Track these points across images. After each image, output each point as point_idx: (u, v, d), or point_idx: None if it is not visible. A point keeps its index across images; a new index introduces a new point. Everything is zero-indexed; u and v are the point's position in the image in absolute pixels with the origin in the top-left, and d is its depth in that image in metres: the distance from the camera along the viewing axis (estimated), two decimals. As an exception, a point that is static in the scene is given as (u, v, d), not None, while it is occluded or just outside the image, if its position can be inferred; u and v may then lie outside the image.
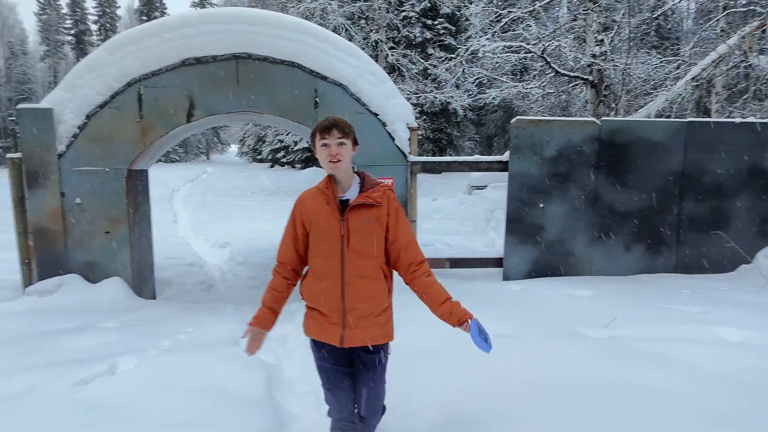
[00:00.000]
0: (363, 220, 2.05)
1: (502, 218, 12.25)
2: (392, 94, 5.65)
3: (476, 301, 4.82)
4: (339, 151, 2.02)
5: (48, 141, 4.74)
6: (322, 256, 2.07)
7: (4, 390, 2.88)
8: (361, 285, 2.05)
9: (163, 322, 4.23)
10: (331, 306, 2.05)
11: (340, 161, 2.02)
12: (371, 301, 2.09)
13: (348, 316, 2.04)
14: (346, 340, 2.06)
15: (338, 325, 2.06)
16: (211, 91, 5.11)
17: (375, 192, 2.10)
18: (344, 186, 2.09)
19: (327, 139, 2.03)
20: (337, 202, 2.06)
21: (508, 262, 5.93)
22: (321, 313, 2.08)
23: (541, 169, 5.78)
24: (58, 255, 4.86)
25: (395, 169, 5.69)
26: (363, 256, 2.05)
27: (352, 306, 2.05)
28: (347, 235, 2.03)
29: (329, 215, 2.05)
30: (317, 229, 2.08)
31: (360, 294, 2.05)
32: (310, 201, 2.12)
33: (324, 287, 2.06)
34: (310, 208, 2.11)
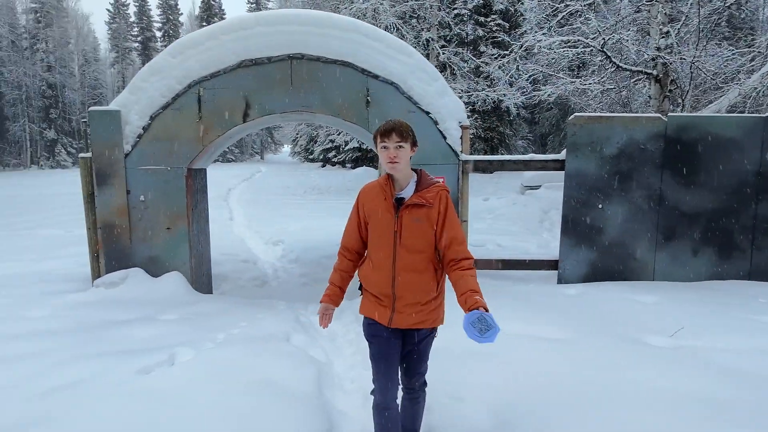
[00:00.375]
0: (414, 218, 2.20)
1: (556, 219, 11.86)
2: (444, 92, 5.57)
3: (530, 304, 4.69)
4: (397, 154, 2.16)
5: (115, 141, 5.01)
6: (377, 247, 2.28)
7: (72, 376, 3.05)
8: (409, 277, 2.22)
9: (219, 316, 4.36)
10: (383, 292, 2.26)
11: (398, 163, 2.17)
12: (418, 292, 2.24)
13: (397, 302, 2.23)
14: (393, 321, 2.26)
15: (388, 308, 2.26)
16: (266, 91, 5.23)
17: (429, 192, 2.25)
18: (402, 184, 2.25)
19: (386, 142, 2.17)
20: (393, 199, 2.22)
21: (563, 264, 5.72)
22: (374, 296, 2.30)
23: (600, 168, 5.52)
24: (124, 249, 5.13)
25: (446, 167, 5.61)
26: (413, 251, 2.21)
27: (400, 294, 2.23)
28: (400, 231, 2.20)
29: (386, 211, 2.23)
30: (374, 222, 2.28)
31: (408, 285, 2.22)
32: (370, 194, 2.32)
33: (377, 276, 2.26)
34: (370, 201, 2.30)
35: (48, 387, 2.89)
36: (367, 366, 3.42)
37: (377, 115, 5.44)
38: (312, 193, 20.67)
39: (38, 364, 3.26)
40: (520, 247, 8.60)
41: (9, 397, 2.79)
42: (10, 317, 4.37)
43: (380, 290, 2.26)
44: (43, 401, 2.74)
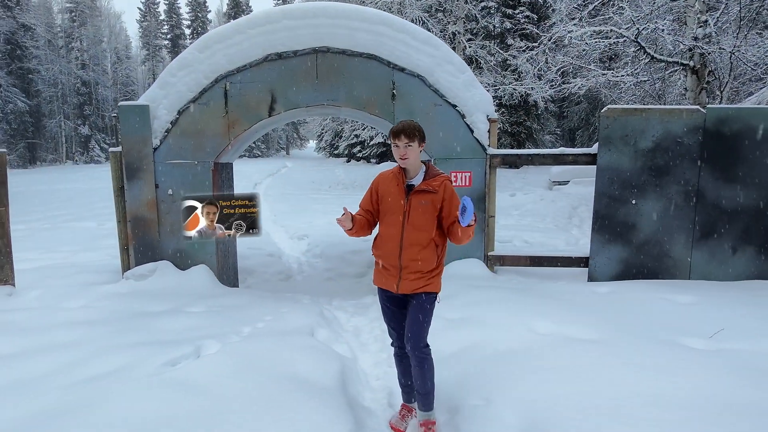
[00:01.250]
0: (421, 201, 2.63)
1: (585, 215, 11.58)
2: (471, 85, 5.46)
3: (561, 303, 4.56)
4: (406, 152, 2.60)
5: (144, 135, 5.07)
6: (388, 224, 2.71)
7: (102, 367, 3.09)
8: (414, 250, 2.64)
9: (244, 309, 4.38)
10: (391, 263, 2.69)
11: (408, 159, 2.61)
12: (420, 262, 2.65)
13: (403, 271, 2.67)
14: (400, 287, 2.70)
15: (395, 277, 2.69)
16: (291, 85, 5.21)
17: (435, 181, 2.68)
18: (412, 174, 2.70)
19: (397, 142, 2.60)
20: (404, 186, 2.68)
21: (594, 262, 5.55)
22: (384, 268, 2.75)
23: (634, 162, 5.32)
24: (153, 242, 5.20)
25: (473, 162, 5.50)
26: (418, 228, 2.63)
27: (406, 264, 2.66)
28: (408, 212, 2.64)
29: (397, 195, 2.67)
30: (386, 204, 2.72)
31: (413, 256, 2.64)
32: (386, 180, 2.76)
33: (387, 248, 2.70)
34: (384, 186, 2.75)
35: (85, 376, 2.96)
36: (391, 363, 3.38)
37: (403, 108, 5.36)
38: (337, 188, 20.72)
39: (76, 353, 3.35)
40: (548, 243, 8.41)
41: (49, 385, 2.86)
42: (51, 307, 4.50)
43: (389, 261, 2.69)
44: (79, 390, 2.80)
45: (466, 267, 5.50)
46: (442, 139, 5.44)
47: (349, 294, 6.06)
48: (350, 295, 5.91)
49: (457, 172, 5.49)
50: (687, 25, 9.76)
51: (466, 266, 5.51)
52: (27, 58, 41.50)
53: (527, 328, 3.75)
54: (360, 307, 5.15)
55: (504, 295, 4.62)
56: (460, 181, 5.51)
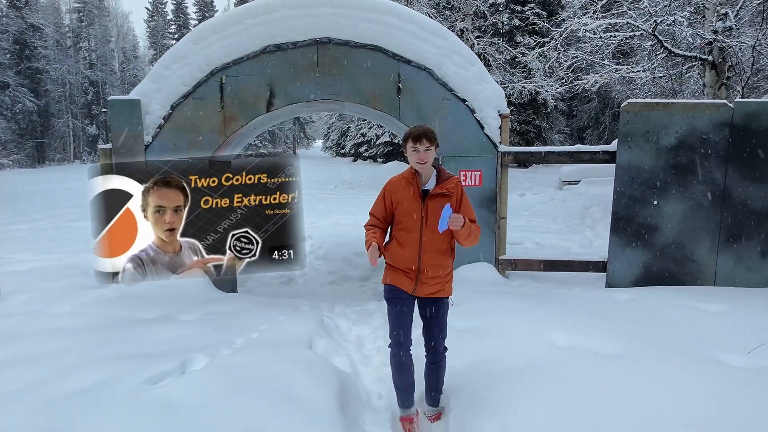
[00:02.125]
0: (438, 206, 2.61)
1: (598, 216, 11.22)
2: (482, 78, 5.14)
3: (579, 311, 4.23)
4: (426, 156, 2.61)
5: (136, 132, 4.81)
6: (405, 230, 2.69)
7: (80, 383, 2.82)
8: (433, 254, 2.67)
9: (239, 317, 4.10)
10: (409, 266, 2.69)
11: (426, 163, 2.63)
12: (439, 267, 2.70)
13: (421, 275, 2.69)
14: (418, 290, 2.72)
15: (413, 280, 2.70)
16: (291, 78, 4.93)
17: (449, 184, 2.71)
18: (425, 179, 2.70)
19: (418, 146, 2.59)
20: (420, 190, 2.67)
21: (612, 266, 5.21)
22: (401, 270, 2.72)
23: (656, 160, 4.98)
24: (145, 244, 4.93)
25: (484, 160, 5.18)
26: (437, 233, 2.62)
27: (425, 269, 2.68)
28: (426, 216, 2.64)
29: (413, 200, 2.66)
30: (402, 210, 2.69)
31: (432, 261, 2.67)
32: (398, 186, 2.73)
33: (405, 253, 2.69)
34: (397, 192, 2.72)
35: (60, 393, 2.69)
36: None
37: (409, 103, 5.06)
38: (343, 187, 20.44)
39: (54, 366, 3.08)
40: (560, 245, 8.07)
41: (24, 402, 2.60)
42: (36, 313, 4.25)
43: (407, 265, 2.68)
44: (51, 410, 2.53)
45: (476, 271, 5.19)
46: (450, 135, 5.13)
47: (352, 299, 5.76)
48: (353, 301, 5.62)
49: (466, 171, 5.18)
50: (706, 18, 9.37)
51: (476, 271, 5.20)
52: (35, 57, 41.64)
53: (544, 340, 3.44)
54: (363, 314, 4.86)
55: (517, 303, 4.30)
56: (469, 181, 5.20)
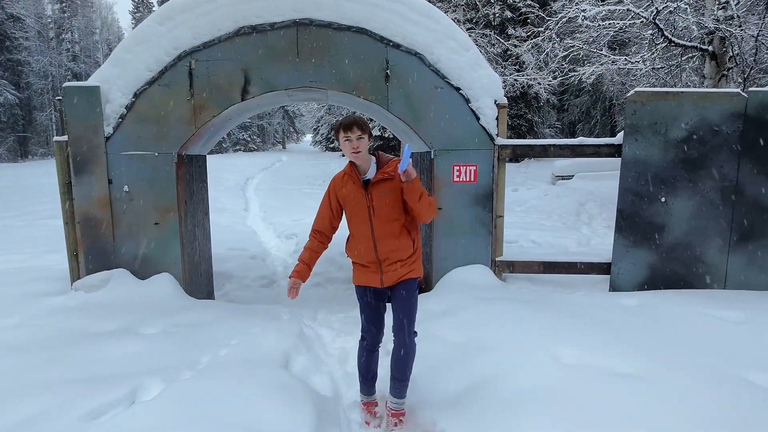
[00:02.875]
0: (382, 192, 2.57)
1: (594, 212, 10.89)
2: (477, 64, 4.73)
3: (584, 320, 3.85)
4: (359, 145, 2.51)
5: (95, 122, 4.34)
6: (356, 223, 2.65)
7: (12, 416, 2.39)
8: (388, 241, 2.61)
9: (208, 329, 3.66)
10: (369, 259, 2.64)
11: (360, 152, 2.53)
12: (398, 252, 2.63)
13: (383, 265, 2.64)
14: (384, 281, 2.66)
15: (377, 272, 2.65)
16: (268, 64, 4.47)
17: (389, 167, 2.60)
18: (364, 168, 2.62)
19: (349, 135, 2.50)
20: (361, 182, 2.59)
21: (617, 268, 4.84)
22: (363, 266, 2.68)
23: (664, 154, 4.61)
24: (106, 247, 4.47)
25: (480, 153, 4.78)
26: (387, 220, 2.59)
27: (384, 257, 2.62)
28: (372, 206, 2.58)
29: (357, 193, 2.60)
30: (350, 204, 2.64)
31: (388, 248, 2.61)
32: (340, 182, 2.67)
33: (362, 247, 2.64)
34: (341, 188, 2.66)
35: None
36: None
37: (398, 91, 4.63)
38: (331, 182, 19.95)
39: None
40: (557, 243, 7.71)
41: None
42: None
43: (367, 258, 2.63)
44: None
45: (470, 274, 4.79)
46: (443, 127, 4.71)
47: (337, 304, 5.35)
48: (339, 306, 5.20)
49: (460, 166, 4.77)
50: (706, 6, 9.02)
51: (470, 273, 4.80)
52: (16, 49, 40.44)
53: (550, 356, 3.05)
54: (348, 321, 4.44)
55: (517, 310, 3.91)
56: (464, 176, 4.79)
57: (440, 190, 4.79)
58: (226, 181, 17.99)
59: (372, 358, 2.83)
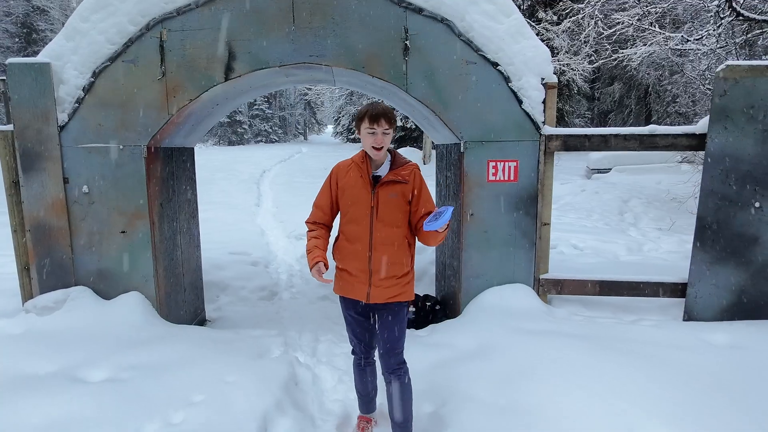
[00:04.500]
0: (390, 194, 2.35)
1: (640, 210, 9.74)
2: (520, 33, 3.75)
3: (664, 369, 2.88)
4: (383, 140, 2.32)
5: (45, 108, 3.53)
6: (353, 222, 2.39)
7: None
8: (386, 250, 2.35)
9: (170, 375, 2.82)
10: (360, 266, 2.37)
11: (383, 148, 2.34)
12: (394, 265, 2.36)
13: (374, 276, 2.36)
14: (371, 296, 2.38)
15: (365, 284, 2.38)
16: (257, 34, 3.59)
17: (404, 170, 2.40)
18: (378, 164, 2.40)
19: (375, 128, 2.29)
20: (370, 177, 2.37)
21: (695, 290, 3.84)
22: (349, 273, 2.41)
23: (761, 146, 3.58)
24: (63, 260, 3.69)
25: (522, 146, 3.82)
26: (389, 225, 2.35)
27: (377, 268, 2.35)
28: (377, 207, 2.35)
29: (362, 188, 2.37)
30: (349, 198, 2.39)
31: (384, 258, 2.34)
32: (345, 172, 2.42)
33: (354, 249, 2.38)
34: (344, 178, 2.42)
35: None
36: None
37: (419, 67, 3.69)
38: (350, 175, 19.08)
39: None
40: (603, 249, 6.67)
41: None
42: None
43: (357, 265, 2.37)
44: None
45: (508, 297, 3.85)
46: (476, 113, 3.76)
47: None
48: (346, 329, 4.33)
49: (497, 161, 3.82)
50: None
51: (508, 296, 3.86)
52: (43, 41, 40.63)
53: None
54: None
55: (574, 353, 2.96)
56: (501, 174, 3.84)
57: (471, 191, 3.86)
58: (241, 174, 17.29)
59: (366, 374, 2.62)
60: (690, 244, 7.05)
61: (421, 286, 5.45)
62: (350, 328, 2.57)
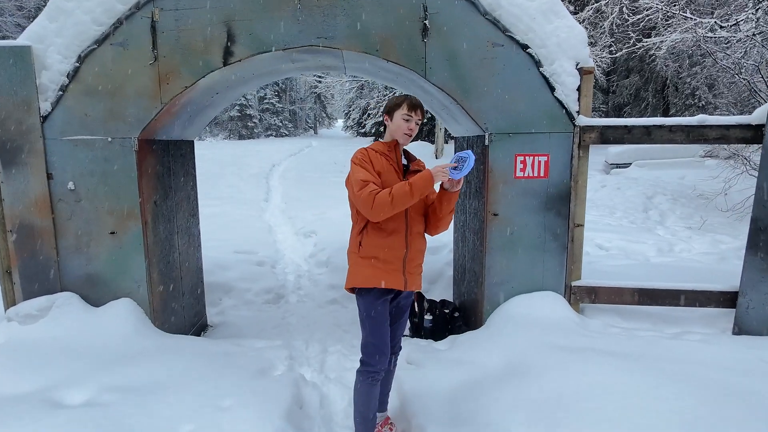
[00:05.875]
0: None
1: (666, 208, 9.25)
2: (553, 11, 3.34)
3: (724, 396, 2.48)
4: (415, 128, 2.34)
5: (27, 96, 3.20)
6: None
7: None
8: (418, 239, 2.39)
9: (156, 399, 2.49)
10: (396, 255, 2.31)
11: (412, 136, 2.35)
12: (421, 253, 2.43)
13: (408, 265, 2.34)
14: (408, 284, 2.36)
15: (401, 272, 2.32)
16: (258, 13, 3.23)
17: (419, 163, 2.48)
18: (399, 155, 2.40)
19: (411, 116, 2.32)
20: (401, 164, 2.38)
21: (747, 300, 3.43)
22: (385, 262, 2.30)
23: (830, 138, 3.15)
24: (48, 264, 3.37)
25: (554, 138, 3.42)
26: (419, 213, 2.39)
27: (411, 256, 2.36)
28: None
29: (395, 175, 2.32)
30: (386, 185, 2.24)
31: (417, 246, 2.38)
32: (378, 158, 2.31)
33: (391, 240, 2.30)
34: (378, 164, 2.30)
35: None
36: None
37: (440, 50, 3.30)
38: (361, 170, 18.72)
39: None
40: (632, 250, 6.25)
41: None
42: None
43: (393, 255, 2.30)
44: None
45: (537, 306, 3.47)
46: (502, 101, 3.37)
47: (357, 332, 4.12)
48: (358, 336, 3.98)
49: (526, 156, 3.42)
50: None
51: (537, 305, 3.48)
52: None
53: None
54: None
55: (617, 375, 2.58)
56: (530, 170, 3.44)
57: (496, 189, 3.47)
58: (250, 168, 17.00)
59: (376, 386, 2.40)
60: (725, 244, 6.64)
61: (437, 290, 5.08)
62: (376, 329, 2.32)
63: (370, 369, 2.35)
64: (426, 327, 4.06)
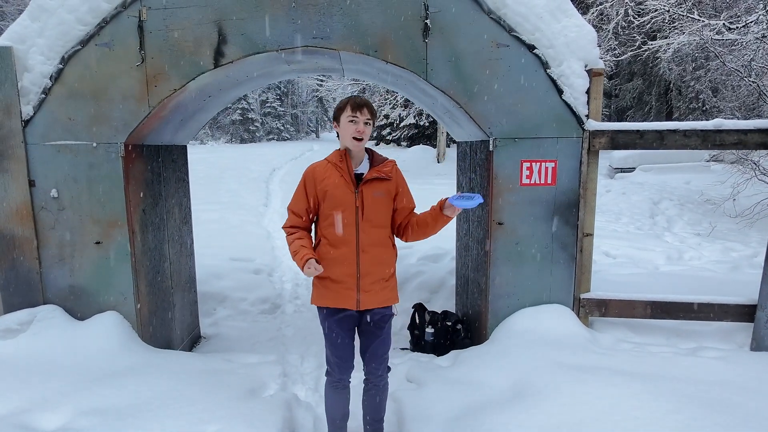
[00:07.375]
0: (375, 192, 2.25)
1: (673, 213, 9.05)
2: (560, 10, 3.18)
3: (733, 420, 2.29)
4: (364, 130, 2.22)
5: (7, 99, 3.05)
6: (336, 225, 2.23)
7: None
8: (374, 252, 2.26)
9: (138, 421, 2.31)
10: (347, 271, 2.24)
11: (363, 139, 2.23)
12: (382, 266, 2.29)
13: (362, 280, 2.24)
14: (362, 303, 2.26)
15: (353, 290, 2.25)
16: (251, 12, 3.07)
17: (386, 166, 2.31)
18: (357, 161, 2.30)
19: (357, 117, 2.21)
20: (352, 175, 2.25)
21: (766, 314, 3.25)
22: (333, 281, 2.26)
23: None
24: (30, 275, 3.21)
25: (562, 144, 3.25)
26: (376, 225, 2.26)
27: (366, 271, 2.25)
28: (362, 207, 2.23)
29: (344, 187, 2.24)
30: (332, 201, 2.24)
31: (373, 260, 2.25)
32: (322, 173, 2.28)
33: (339, 254, 2.24)
34: (322, 181, 2.26)
35: None
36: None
37: (442, 51, 3.14)
38: (362, 174, 18.57)
39: None
40: (640, 258, 6.07)
41: None
42: None
43: (344, 271, 2.24)
44: None
45: (545, 321, 3.29)
46: (508, 104, 3.21)
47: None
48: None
49: (532, 162, 3.26)
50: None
51: (544, 319, 3.30)
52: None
53: None
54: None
55: (633, 399, 2.40)
56: (537, 176, 3.27)
57: (501, 196, 3.30)
58: (250, 173, 16.87)
59: (342, 397, 2.44)
60: (737, 252, 6.44)
61: (438, 300, 4.90)
62: (331, 345, 2.36)
63: (332, 378, 2.43)
64: (427, 340, 3.88)
